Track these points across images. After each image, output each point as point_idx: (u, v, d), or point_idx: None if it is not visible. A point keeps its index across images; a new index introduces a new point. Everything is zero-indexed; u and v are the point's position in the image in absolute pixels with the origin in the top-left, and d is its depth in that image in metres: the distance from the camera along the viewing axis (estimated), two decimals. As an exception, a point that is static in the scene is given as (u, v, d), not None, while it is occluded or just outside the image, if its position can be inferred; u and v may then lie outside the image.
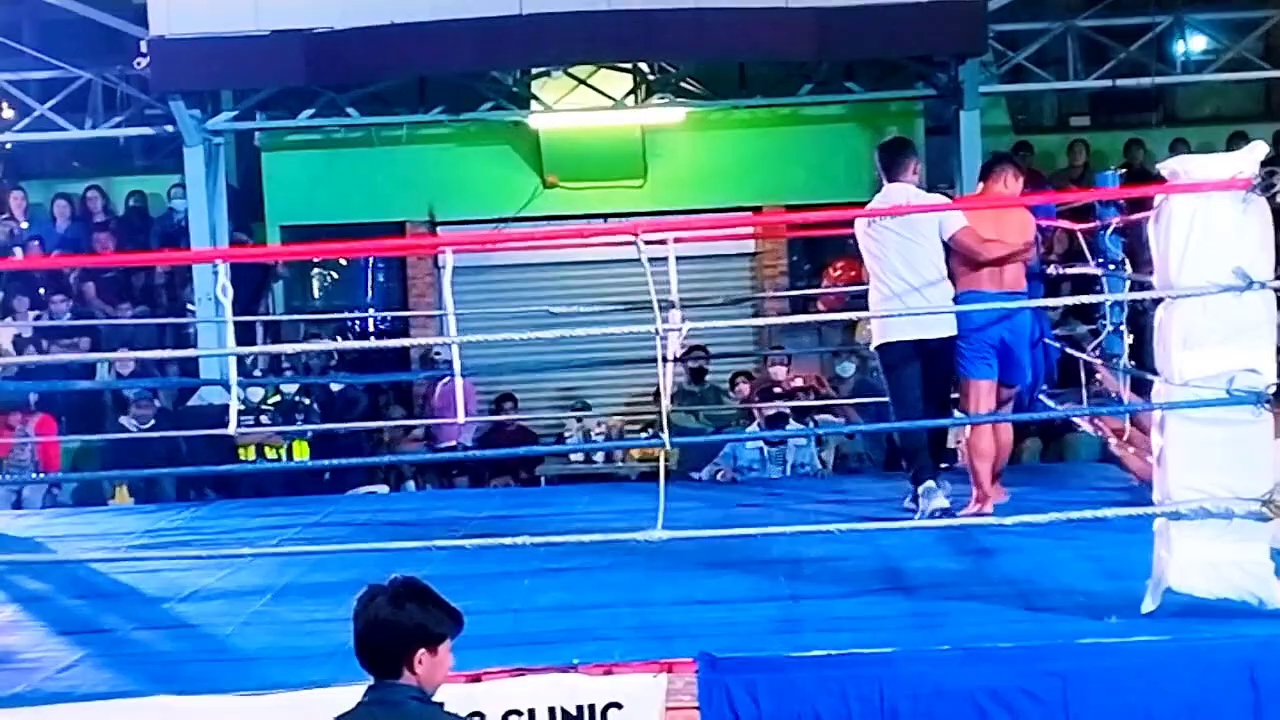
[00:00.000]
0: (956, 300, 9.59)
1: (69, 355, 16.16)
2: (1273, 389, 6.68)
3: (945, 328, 9.64)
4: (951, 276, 9.67)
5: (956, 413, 10.01)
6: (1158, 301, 7.02)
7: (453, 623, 5.39)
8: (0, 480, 14.87)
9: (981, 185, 10.28)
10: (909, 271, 9.62)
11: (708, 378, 16.30)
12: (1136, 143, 18.87)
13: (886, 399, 10.38)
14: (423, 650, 5.30)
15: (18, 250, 18.51)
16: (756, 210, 18.12)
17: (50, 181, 19.93)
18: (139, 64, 17.95)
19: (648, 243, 7.59)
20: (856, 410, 14.43)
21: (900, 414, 9.78)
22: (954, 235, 9.59)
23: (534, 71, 18.15)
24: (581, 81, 18.12)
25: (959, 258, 9.65)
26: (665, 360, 7.61)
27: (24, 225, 19.21)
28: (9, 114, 19.16)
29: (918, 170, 10.36)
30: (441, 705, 5.48)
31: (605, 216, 18.17)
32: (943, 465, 10.28)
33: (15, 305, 17.70)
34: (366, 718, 5.31)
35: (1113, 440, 10.23)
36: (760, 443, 12.44)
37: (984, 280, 9.69)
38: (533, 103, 18.34)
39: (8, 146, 19.52)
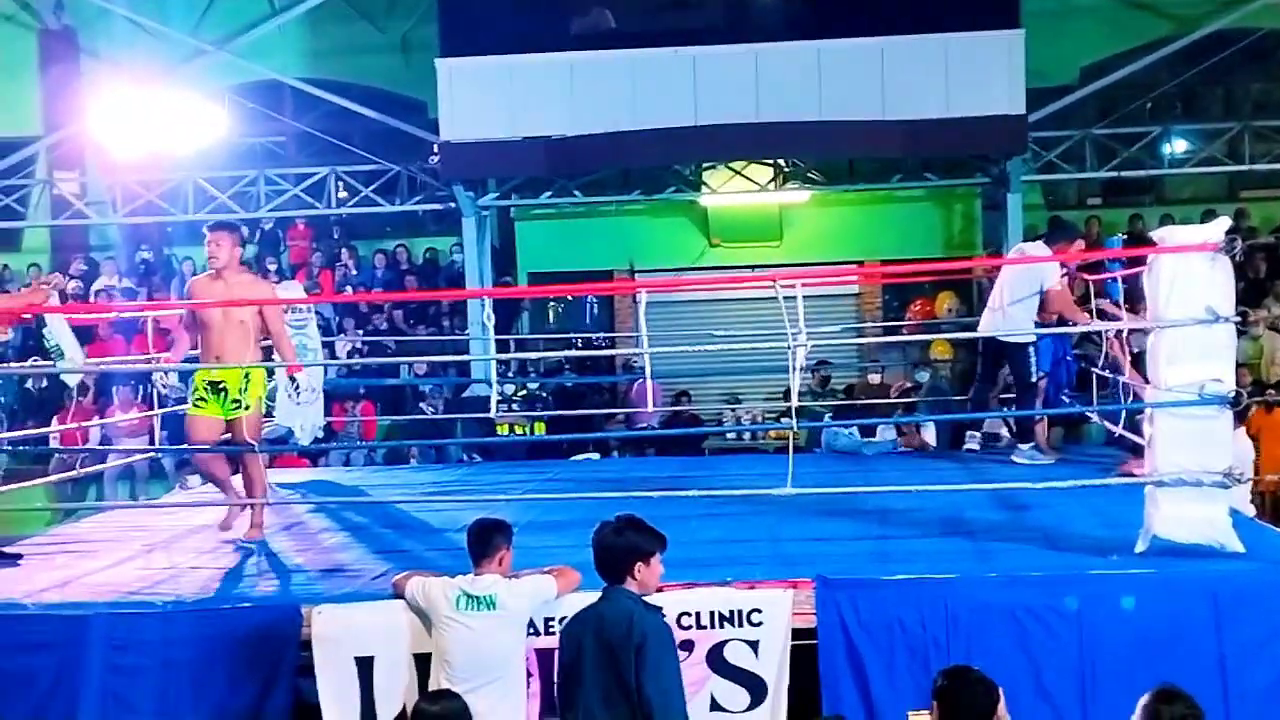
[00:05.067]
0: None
1: (384, 360, 16.48)
2: (1232, 394, 6.58)
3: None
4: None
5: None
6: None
7: (658, 541, 5.48)
8: (335, 446, 15.12)
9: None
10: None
11: (831, 383, 16.20)
12: (1136, 217, 18.50)
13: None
14: (639, 563, 5.37)
15: (349, 288, 18.88)
16: (860, 263, 18.00)
17: (372, 241, 20.28)
18: (432, 160, 18.30)
19: (783, 286, 7.59)
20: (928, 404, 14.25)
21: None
22: (1049, 290, 9.86)
23: (704, 165, 18.20)
24: (738, 172, 18.13)
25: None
26: (794, 369, 7.59)
27: (354, 272, 19.59)
28: (344, 194, 19.53)
29: (1072, 241, 10.50)
30: (655, 607, 5.56)
31: (753, 267, 18.14)
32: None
33: (345, 326, 18.06)
34: (597, 606, 5.53)
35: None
36: (855, 429, 12.31)
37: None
38: (703, 187, 18.38)
39: (343, 216, 19.90)
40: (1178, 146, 19.42)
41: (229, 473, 8.79)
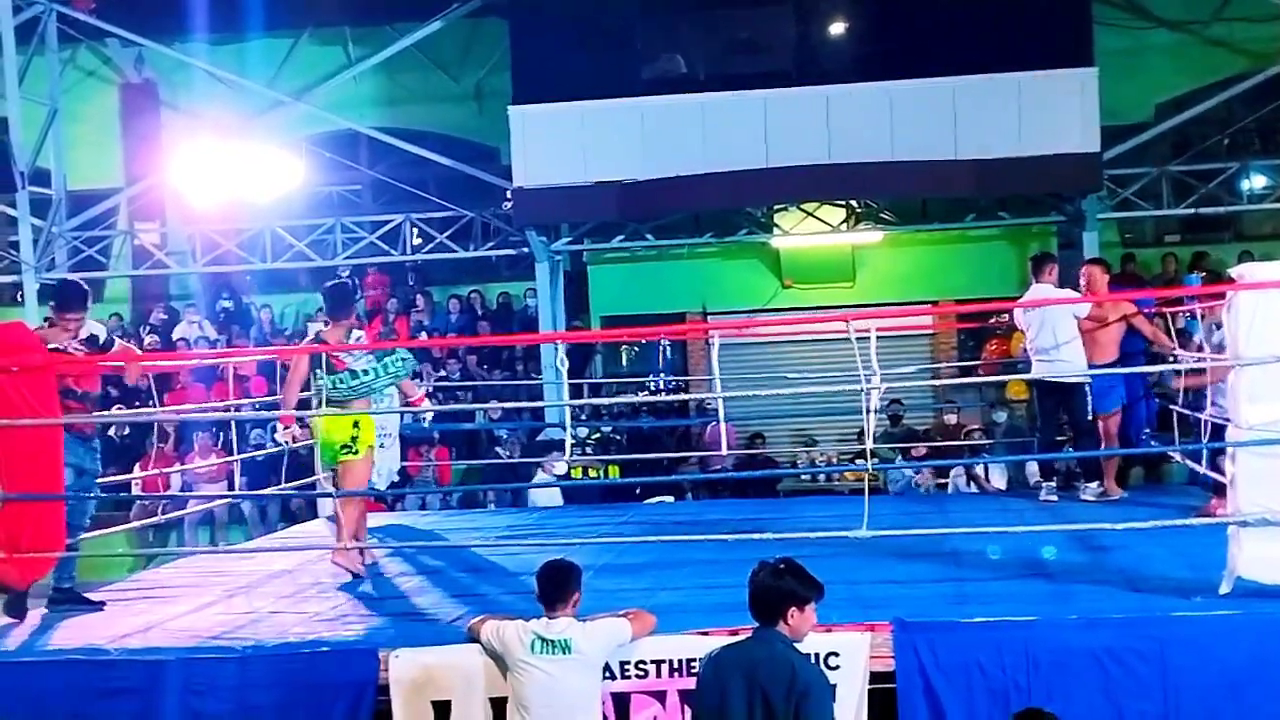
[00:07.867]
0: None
1: (459, 405, 16.56)
2: (1316, 432, 6.46)
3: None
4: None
5: None
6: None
7: (815, 589, 5.48)
8: (411, 490, 15.21)
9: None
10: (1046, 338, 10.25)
11: (903, 422, 16.11)
12: (1202, 254, 18.30)
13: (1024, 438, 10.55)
14: (794, 608, 5.38)
15: (424, 334, 19.01)
16: (934, 303, 17.89)
17: (446, 286, 20.39)
18: (505, 206, 18.45)
19: (856, 327, 7.57)
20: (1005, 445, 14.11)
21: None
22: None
23: (776, 207, 18.20)
24: (809, 214, 18.11)
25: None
26: (868, 410, 7.55)
27: (428, 318, 19.71)
28: (418, 241, 19.71)
29: (1053, 272, 10.58)
30: (804, 654, 5.55)
31: (826, 308, 18.06)
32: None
33: (420, 371, 18.16)
34: (747, 647, 5.51)
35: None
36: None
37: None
38: (775, 228, 18.37)
39: (418, 263, 20.07)
40: (1256, 182, 19.18)
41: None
